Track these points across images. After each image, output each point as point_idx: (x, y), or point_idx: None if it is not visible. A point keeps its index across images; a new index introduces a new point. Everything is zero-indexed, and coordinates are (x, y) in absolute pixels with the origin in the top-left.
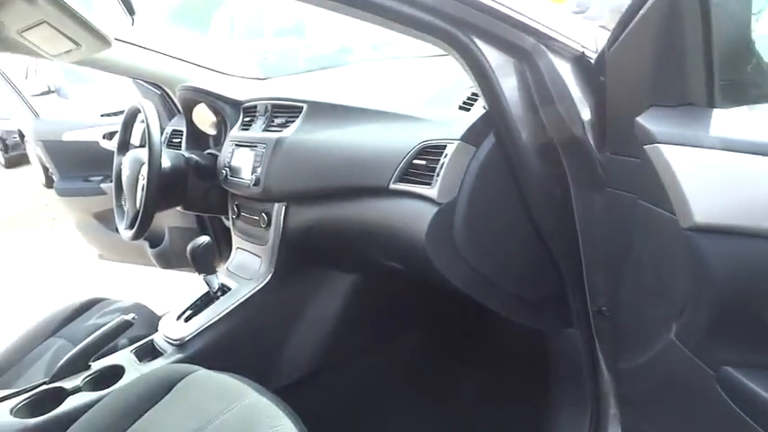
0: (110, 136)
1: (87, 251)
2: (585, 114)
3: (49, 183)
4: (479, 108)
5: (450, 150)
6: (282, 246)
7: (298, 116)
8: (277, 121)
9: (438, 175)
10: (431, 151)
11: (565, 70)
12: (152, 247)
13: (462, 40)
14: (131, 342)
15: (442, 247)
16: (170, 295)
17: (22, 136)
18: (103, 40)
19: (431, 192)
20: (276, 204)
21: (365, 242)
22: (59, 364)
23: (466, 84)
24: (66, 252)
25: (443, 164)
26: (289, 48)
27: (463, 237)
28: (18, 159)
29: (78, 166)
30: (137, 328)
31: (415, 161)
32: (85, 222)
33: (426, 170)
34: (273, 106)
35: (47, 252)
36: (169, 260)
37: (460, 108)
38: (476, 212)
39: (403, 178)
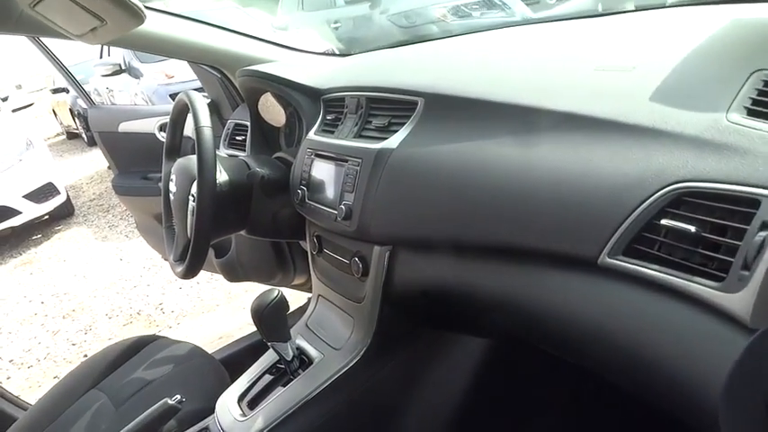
0: (166, 128)
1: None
2: None
3: None
4: None
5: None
6: (385, 307)
7: (409, 116)
8: (376, 122)
9: (745, 263)
10: (703, 205)
11: None
12: (218, 256)
13: None
14: (182, 425)
15: (750, 409)
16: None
17: (85, 119)
18: (133, 14)
19: (725, 298)
20: (377, 248)
21: (531, 328)
22: None
23: (743, 62)
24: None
25: (763, 243)
26: (363, 14)
27: None
28: None
29: (137, 161)
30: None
31: (664, 221)
32: (146, 224)
33: (691, 242)
34: (370, 100)
35: (110, 244)
36: (236, 272)
37: (751, 112)
38: None
39: (632, 250)
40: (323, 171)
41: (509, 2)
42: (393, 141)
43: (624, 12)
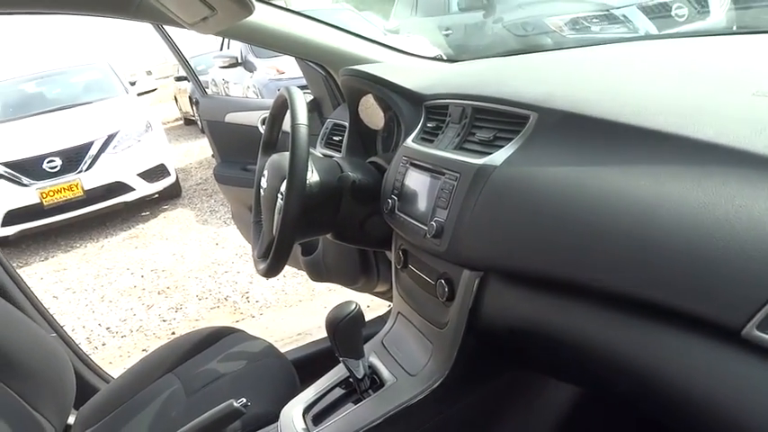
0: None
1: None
2: None
3: None
4: None
5: None
6: (469, 337)
7: (518, 131)
8: (480, 134)
9: None
10: None
11: None
12: (304, 254)
13: None
14: (245, 427)
15: None
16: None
17: (197, 104)
18: (243, 5)
19: None
20: (466, 272)
21: (634, 389)
22: None
23: None
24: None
25: None
26: (475, 22)
27: None
28: None
29: (239, 151)
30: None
31: None
32: (241, 214)
33: None
34: (476, 110)
35: (209, 229)
36: (320, 272)
37: None
38: None
39: None
40: (417, 182)
41: (631, 16)
42: (497, 157)
43: None
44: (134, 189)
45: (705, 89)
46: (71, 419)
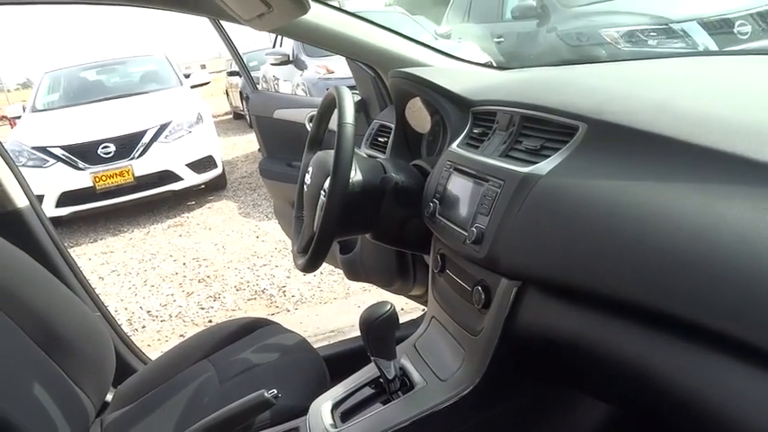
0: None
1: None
2: None
3: None
4: None
5: None
6: (503, 346)
7: (566, 141)
8: (527, 143)
9: None
10: None
11: None
12: (342, 252)
13: None
14: (273, 418)
15: None
16: None
17: (247, 99)
18: (299, 4)
19: None
20: (504, 281)
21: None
22: None
23: None
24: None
25: None
26: (528, 31)
27: None
28: None
29: (285, 147)
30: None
31: None
32: (283, 209)
33: None
34: (524, 118)
35: (251, 221)
36: (356, 271)
37: None
38: None
39: None
40: (459, 187)
41: (691, 32)
42: (543, 167)
43: None
44: (182, 179)
45: (766, 109)
46: (109, 397)
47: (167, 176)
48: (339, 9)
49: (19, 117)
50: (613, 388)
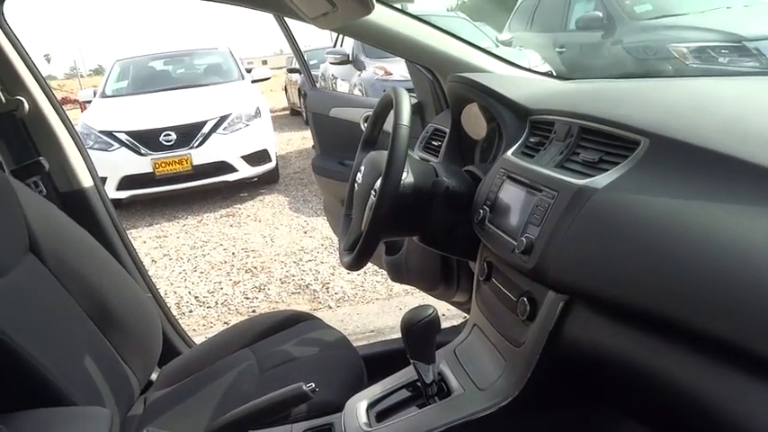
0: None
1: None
2: None
3: None
4: None
5: None
6: (545, 360)
7: (626, 156)
8: (584, 155)
9: None
10: None
11: None
12: (387, 253)
13: None
14: (310, 412)
15: None
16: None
17: (305, 96)
18: (363, 4)
19: None
20: (551, 293)
21: None
22: (216, 425)
23: None
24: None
25: None
26: (592, 42)
27: None
28: None
29: (338, 146)
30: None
31: None
32: (332, 206)
33: None
34: (583, 130)
35: (300, 216)
36: (400, 273)
37: None
38: None
39: None
40: (511, 195)
41: (765, 50)
42: (600, 180)
43: None
44: (237, 170)
45: None
46: (153, 376)
47: (223, 167)
48: (401, 11)
49: (89, 101)
50: (660, 414)
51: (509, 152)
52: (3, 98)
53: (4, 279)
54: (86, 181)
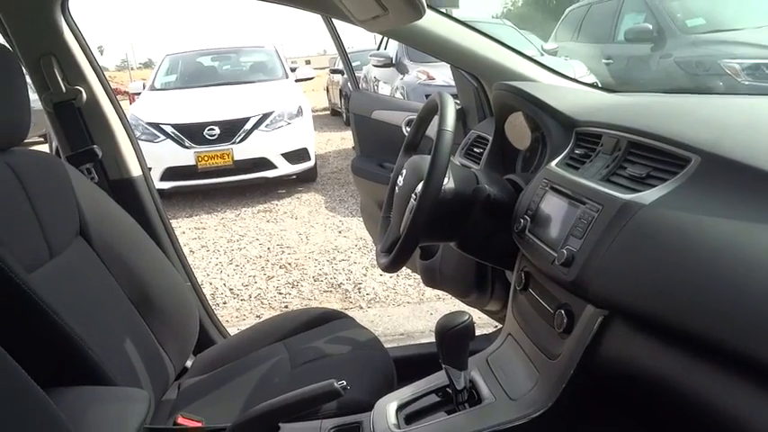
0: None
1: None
2: None
3: None
4: None
5: None
6: (580, 375)
7: (675, 173)
8: (631, 170)
9: None
10: None
11: None
12: (422, 258)
13: None
14: (339, 409)
15: None
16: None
17: (347, 98)
18: (414, 8)
19: None
20: (590, 307)
21: None
22: (247, 415)
23: None
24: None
25: None
26: (641, 54)
27: None
28: None
29: (378, 148)
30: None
31: None
32: (369, 208)
33: None
34: (631, 144)
35: (336, 216)
36: (434, 278)
37: None
38: None
39: None
40: (554, 206)
41: None
42: (647, 196)
43: None
44: (276, 167)
45: None
46: (188, 363)
47: (263, 163)
48: (448, 16)
49: (139, 94)
50: None
51: (553, 163)
52: (63, 87)
53: (55, 260)
54: (136, 170)
